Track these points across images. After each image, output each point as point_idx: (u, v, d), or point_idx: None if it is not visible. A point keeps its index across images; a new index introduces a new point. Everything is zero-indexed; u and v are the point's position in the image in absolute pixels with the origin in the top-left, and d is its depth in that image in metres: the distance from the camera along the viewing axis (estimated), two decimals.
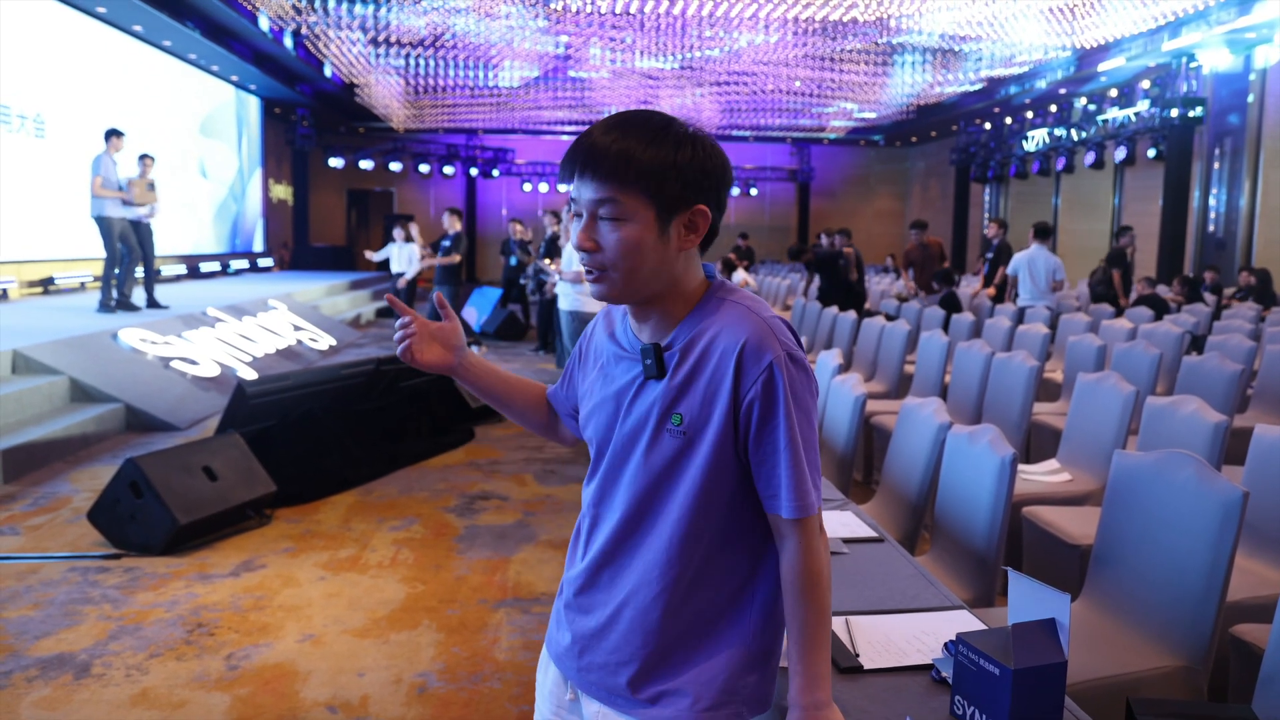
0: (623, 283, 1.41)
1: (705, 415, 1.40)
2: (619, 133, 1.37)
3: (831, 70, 18.89)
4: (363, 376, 6.57)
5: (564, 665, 1.56)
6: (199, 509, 4.71)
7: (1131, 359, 5.64)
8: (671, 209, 1.38)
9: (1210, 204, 15.22)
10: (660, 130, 1.38)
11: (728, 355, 1.39)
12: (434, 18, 15.79)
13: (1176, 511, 2.50)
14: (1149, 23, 14.28)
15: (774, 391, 1.37)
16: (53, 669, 3.46)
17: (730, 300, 1.44)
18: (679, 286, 1.45)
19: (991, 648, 1.49)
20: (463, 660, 3.60)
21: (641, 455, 1.45)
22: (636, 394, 1.46)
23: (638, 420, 1.45)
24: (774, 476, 1.40)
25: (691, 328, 1.43)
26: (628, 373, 1.48)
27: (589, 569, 1.52)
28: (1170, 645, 2.41)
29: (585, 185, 1.38)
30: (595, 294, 1.44)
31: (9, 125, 11.82)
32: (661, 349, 1.44)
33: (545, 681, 1.63)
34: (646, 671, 1.45)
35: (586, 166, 1.37)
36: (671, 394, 1.42)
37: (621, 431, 1.47)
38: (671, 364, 1.43)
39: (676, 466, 1.43)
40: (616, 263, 1.39)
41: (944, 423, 3.32)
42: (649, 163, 1.35)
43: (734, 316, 1.42)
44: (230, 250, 20.12)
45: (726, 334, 1.40)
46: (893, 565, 2.36)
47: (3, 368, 7.02)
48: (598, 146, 1.36)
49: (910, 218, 29.07)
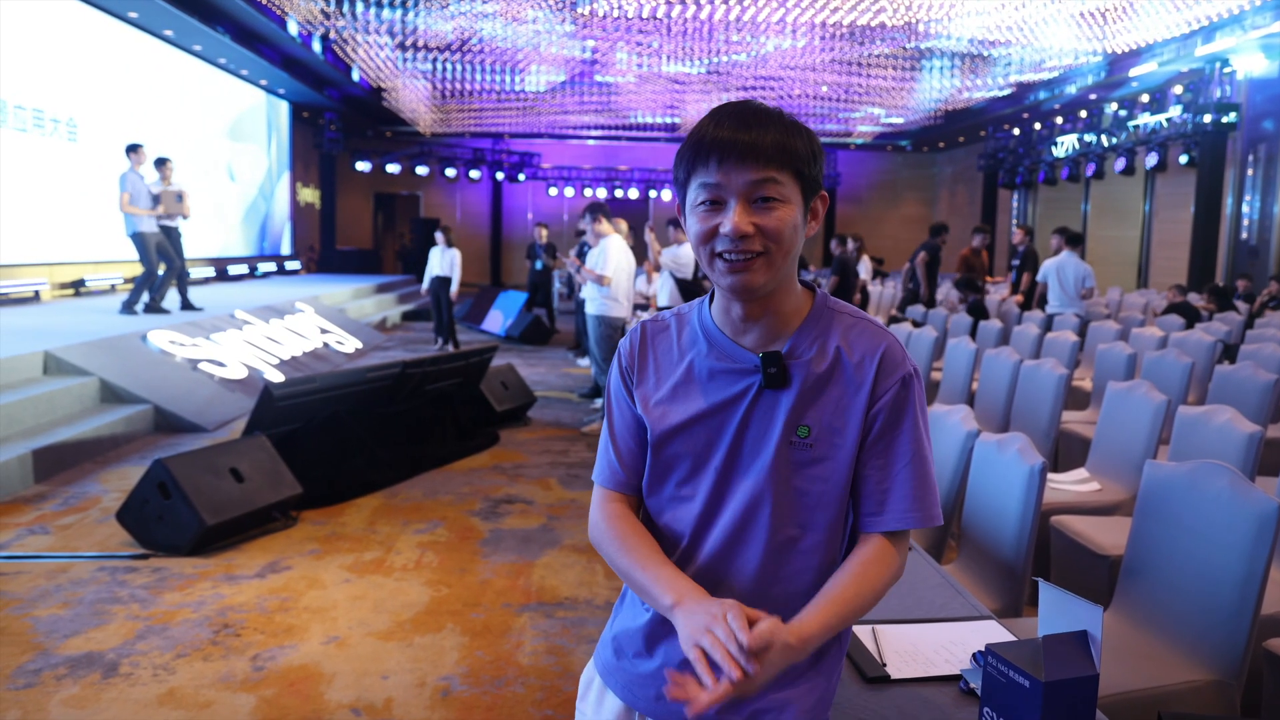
0: (776, 266, 1.36)
1: (836, 426, 1.39)
2: (760, 122, 1.35)
3: (859, 75, 18.82)
4: (389, 379, 6.59)
5: (634, 695, 1.50)
6: (226, 510, 4.74)
7: (1162, 368, 5.57)
8: (810, 192, 1.39)
9: (1243, 211, 15.05)
10: (791, 122, 1.37)
11: (865, 364, 1.38)
12: (461, 22, 15.85)
13: (1210, 523, 2.46)
14: (1182, 27, 14.13)
15: (908, 401, 1.39)
16: (81, 668, 3.48)
17: (846, 313, 1.44)
18: (792, 283, 1.43)
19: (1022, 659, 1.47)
20: (486, 664, 3.59)
21: (764, 469, 1.40)
22: (753, 405, 1.41)
23: (756, 434, 1.41)
24: (888, 489, 1.39)
25: (813, 337, 1.41)
26: (735, 383, 1.42)
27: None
28: (1203, 659, 2.38)
29: (740, 170, 1.33)
30: (735, 285, 1.37)
31: (42, 129, 11.96)
32: (783, 358, 1.40)
33: (601, 713, 1.56)
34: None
35: (745, 153, 1.33)
36: (799, 405, 1.39)
37: (734, 445, 1.42)
38: (797, 374, 1.40)
39: (801, 479, 1.40)
40: (776, 243, 1.35)
41: (972, 430, 3.29)
42: (799, 148, 1.35)
43: (861, 328, 1.42)
44: (258, 253, 20.28)
45: (860, 344, 1.40)
46: (920, 574, 2.34)
47: (34, 369, 7.10)
48: (748, 136, 1.33)
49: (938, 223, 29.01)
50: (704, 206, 1.37)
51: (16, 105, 11.38)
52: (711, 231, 1.36)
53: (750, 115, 1.35)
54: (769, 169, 1.33)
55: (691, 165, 1.38)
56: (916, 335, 7.18)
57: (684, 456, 1.45)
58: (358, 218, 27.84)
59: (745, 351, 1.42)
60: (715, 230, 1.35)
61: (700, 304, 1.51)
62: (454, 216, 28.01)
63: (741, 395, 1.41)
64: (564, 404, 9.00)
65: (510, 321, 14.92)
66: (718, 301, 1.46)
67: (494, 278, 27.96)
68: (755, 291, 1.37)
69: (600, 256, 7.87)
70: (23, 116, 11.51)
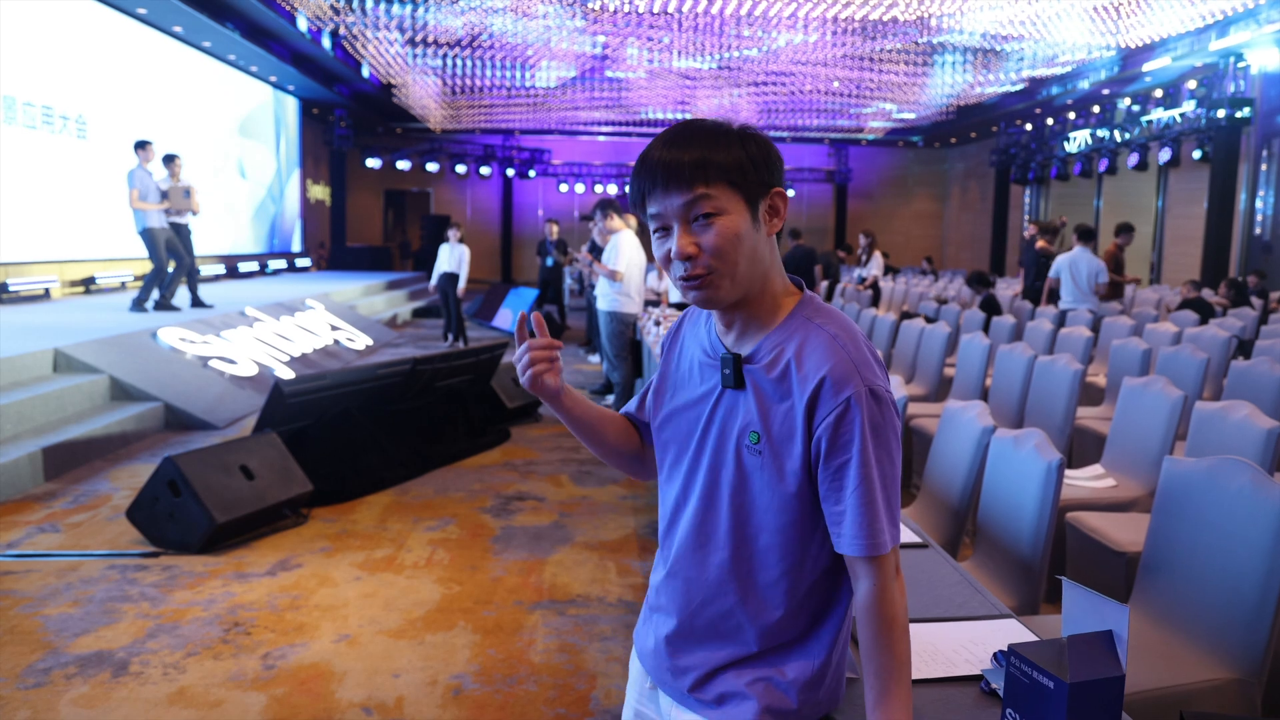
0: (728, 280, 1.39)
1: (783, 436, 1.40)
2: (683, 142, 1.39)
3: (870, 70, 18.74)
4: (399, 376, 6.57)
5: (645, 661, 1.61)
6: (236, 508, 4.73)
7: (1178, 363, 5.52)
8: (756, 195, 1.41)
9: (1257, 206, 14.93)
10: (720, 133, 1.41)
11: (808, 382, 1.37)
12: (471, 18, 15.82)
13: (1230, 520, 2.43)
14: (1196, 21, 14.03)
15: (850, 427, 1.35)
16: (91, 667, 3.47)
17: (817, 323, 1.42)
18: (769, 285, 1.45)
19: (1045, 660, 1.43)
20: (498, 662, 3.57)
21: (721, 465, 1.46)
22: (717, 403, 1.47)
23: (718, 431, 1.47)
24: (842, 512, 1.37)
25: (775, 344, 1.42)
26: (710, 379, 1.49)
27: (666, 574, 1.56)
28: (1223, 657, 2.34)
29: (671, 195, 1.38)
30: (698, 301, 1.43)
31: (51, 126, 11.98)
32: (741, 360, 1.44)
33: (634, 671, 1.68)
34: (710, 676, 1.49)
35: (669, 178, 1.38)
36: (749, 411, 1.42)
37: (701, 440, 1.49)
38: (751, 379, 1.43)
39: (754, 483, 1.43)
40: (721, 258, 1.38)
41: (988, 426, 3.25)
42: (726, 159, 1.38)
43: (819, 343, 1.39)
44: (268, 250, 20.31)
45: (810, 361, 1.38)
46: (937, 572, 2.31)
47: (44, 366, 7.10)
48: (671, 157, 1.38)
49: (949, 219, 28.96)
50: (658, 235, 1.43)
51: (25, 102, 11.39)
52: (666, 256, 1.42)
53: (675, 137, 1.40)
54: (696, 188, 1.37)
55: (641, 196, 1.43)
56: (929, 331, 7.13)
57: (672, 441, 1.55)
58: (368, 215, 27.86)
59: (723, 349, 1.48)
60: (669, 255, 1.41)
61: None
62: (464, 213, 28.00)
63: (712, 391, 1.48)
64: None
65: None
66: None
67: (505, 274, 27.94)
68: (720, 303, 1.42)
69: (612, 252, 7.85)
70: (32, 113, 11.53)
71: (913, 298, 14.29)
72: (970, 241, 27.53)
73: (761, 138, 1.43)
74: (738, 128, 1.43)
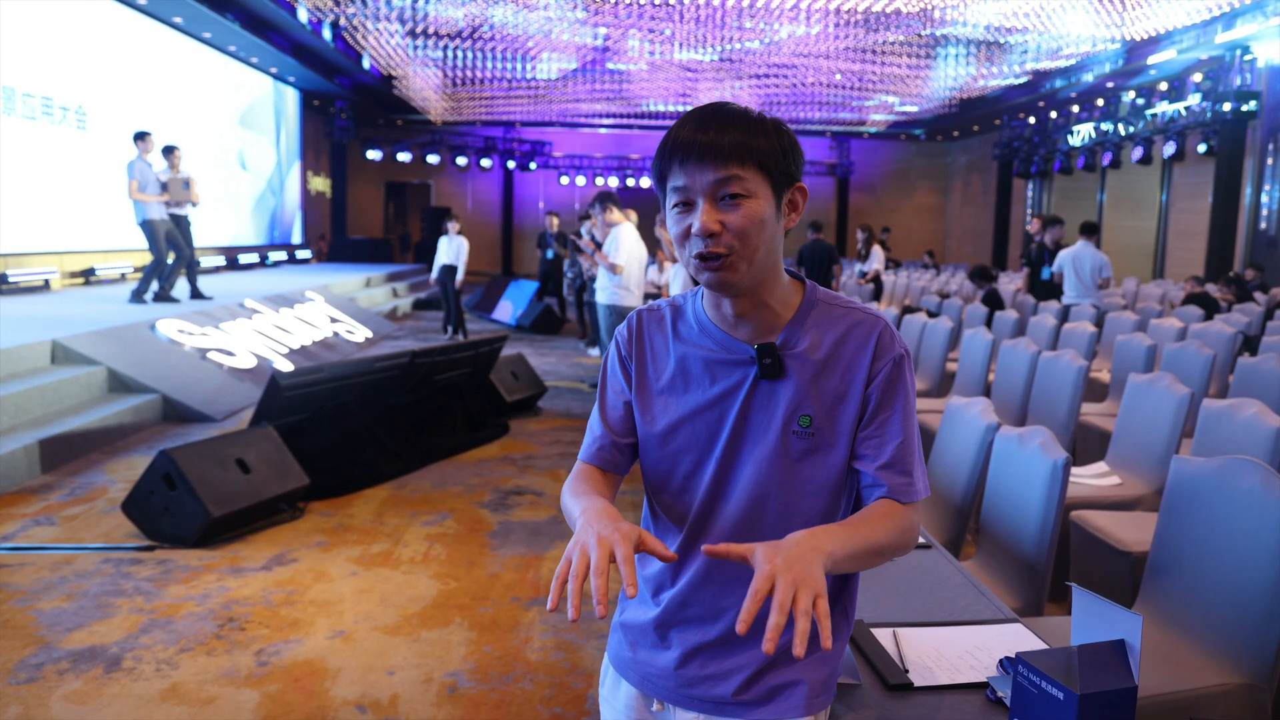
0: (746, 264, 1.39)
1: (835, 415, 1.43)
2: (722, 122, 1.38)
3: (873, 63, 18.67)
4: (397, 369, 6.52)
5: (652, 685, 1.54)
6: (232, 501, 4.69)
7: (1183, 359, 5.47)
8: (782, 185, 1.41)
9: (1262, 200, 14.84)
10: (755, 118, 1.40)
11: (861, 349, 1.43)
12: (472, 9, 15.77)
13: (1240, 520, 2.38)
14: (1202, 14, 13.95)
15: (895, 384, 1.43)
16: (83, 662, 3.43)
17: (838, 304, 1.48)
18: (777, 275, 1.46)
19: (1054, 669, 1.39)
20: (494, 660, 3.53)
21: (765, 458, 1.44)
22: (751, 395, 1.45)
23: (757, 423, 1.45)
24: (887, 462, 1.43)
25: (807, 328, 1.45)
26: (732, 375, 1.47)
27: (698, 582, 1.49)
28: (1233, 662, 2.30)
29: (705, 169, 1.36)
30: (711, 282, 1.41)
31: (51, 117, 11.93)
32: (778, 348, 1.44)
33: (616, 702, 1.60)
34: (763, 672, 1.47)
35: (705, 153, 1.36)
36: (798, 395, 1.43)
37: (732, 437, 1.46)
38: (793, 365, 1.44)
39: (804, 467, 1.44)
40: (744, 240, 1.37)
41: (992, 423, 3.20)
42: (763, 144, 1.38)
43: (853, 318, 1.46)
44: (269, 242, 20.25)
45: (855, 330, 1.44)
46: (941, 574, 2.26)
47: (42, 358, 7.06)
48: (709, 136, 1.37)
49: (951, 213, 28.87)
50: (677, 209, 1.41)
51: (25, 93, 11.33)
52: (686, 232, 1.40)
53: (712, 116, 1.39)
54: (730, 166, 1.36)
55: (663, 170, 1.42)
56: (931, 326, 7.08)
57: (688, 449, 1.50)
58: (369, 207, 27.81)
59: (740, 343, 1.46)
60: (689, 230, 1.39)
61: (694, 295, 1.54)
62: (465, 205, 27.95)
63: (738, 386, 1.46)
64: (575, 394, 8.92)
65: (521, 311, 14.86)
66: (707, 297, 1.49)
67: (505, 267, 27.90)
68: (734, 287, 1.41)
69: (612, 245, 7.81)
70: (31, 104, 11.47)
71: (914, 292, 14.23)
72: (972, 235, 27.46)
73: (789, 132, 1.43)
74: (769, 117, 1.42)
